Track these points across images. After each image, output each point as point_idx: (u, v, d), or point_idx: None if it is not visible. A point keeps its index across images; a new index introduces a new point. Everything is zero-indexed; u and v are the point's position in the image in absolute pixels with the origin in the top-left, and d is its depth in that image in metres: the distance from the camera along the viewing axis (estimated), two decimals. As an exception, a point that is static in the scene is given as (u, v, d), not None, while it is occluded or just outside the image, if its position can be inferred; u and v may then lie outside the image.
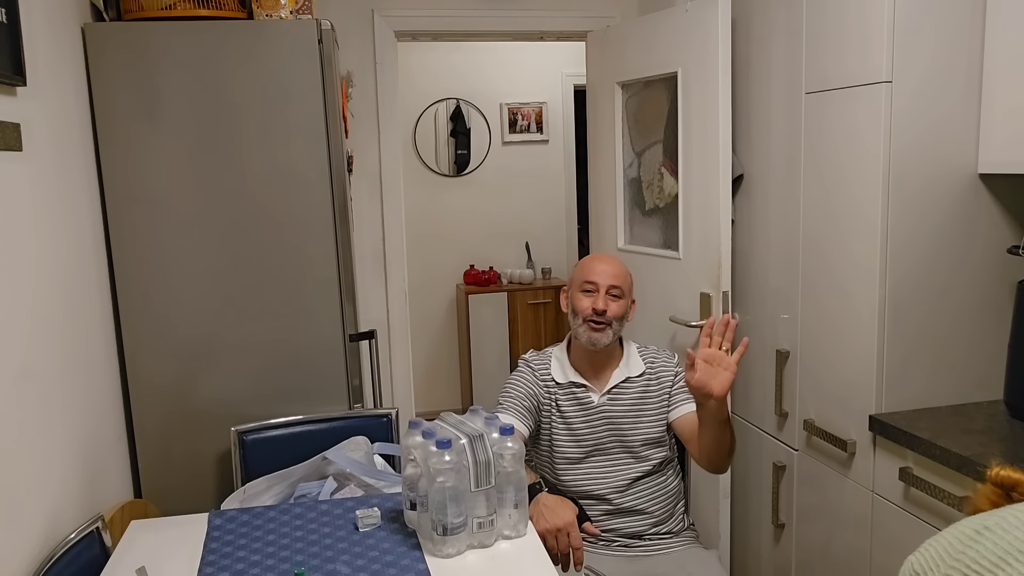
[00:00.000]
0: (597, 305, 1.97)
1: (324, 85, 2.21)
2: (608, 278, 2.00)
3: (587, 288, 2.00)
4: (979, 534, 0.72)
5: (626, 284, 2.02)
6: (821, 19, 2.09)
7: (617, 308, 1.99)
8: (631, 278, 2.06)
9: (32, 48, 1.72)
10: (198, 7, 2.16)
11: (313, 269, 2.27)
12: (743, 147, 2.49)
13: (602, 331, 1.98)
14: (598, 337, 1.98)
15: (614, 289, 1.99)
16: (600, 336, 1.98)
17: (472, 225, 5.03)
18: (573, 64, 4.89)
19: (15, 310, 1.57)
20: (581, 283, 2.02)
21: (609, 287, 1.99)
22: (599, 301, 1.97)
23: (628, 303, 2.03)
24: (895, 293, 1.95)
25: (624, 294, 2.01)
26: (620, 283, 2.00)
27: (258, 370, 2.27)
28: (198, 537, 1.66)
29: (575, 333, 2.03)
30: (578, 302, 2.01)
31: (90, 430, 1.94)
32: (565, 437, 2.02)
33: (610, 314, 1.97)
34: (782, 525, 2.41)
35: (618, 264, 2.05)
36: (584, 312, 1.98)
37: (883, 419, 1.93)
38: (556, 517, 1.73)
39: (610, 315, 1.97)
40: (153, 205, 2.16)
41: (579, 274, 2.04)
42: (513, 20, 3.18)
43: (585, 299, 1.99)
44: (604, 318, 1.97)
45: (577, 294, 2.02)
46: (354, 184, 3.05)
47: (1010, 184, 1.96)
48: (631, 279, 2.06)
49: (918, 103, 1.90)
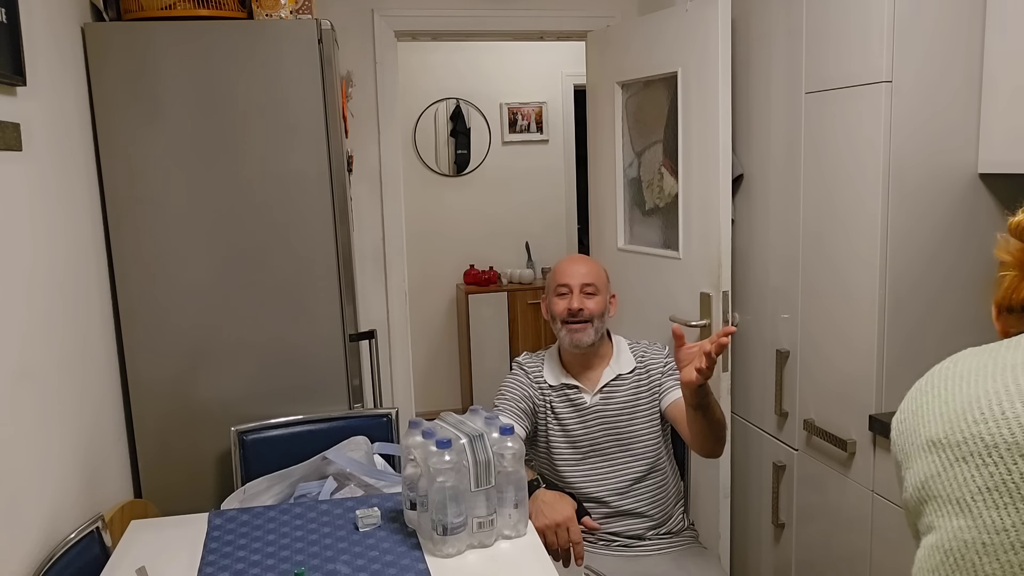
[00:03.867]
0: (572, 305, 1.96)
1: (324, 85, 2.21)
2: (579, 277, 1.99)
3: (561, 291, 2.00)
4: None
5: (600, 280, 2.01)
6: (821, 19, 2.08)
7: (594, 305, 1.98)
8: (605, 273, 2.06)
9: (32, 48, 1.72)
10: (198, 7, 2.16)
11: (313, 269, 2.27)
12: (743, 147, 2.49)
13: (583, 330, 1.97)
14: (579, 337, 1.97)
15: (588, 287, 1.98)
16: (582, 336, 1.97)
17: (472, 225, 5.03)
18: (573, 64, 4.88)
19: (13, 310, 1.57)
20: (555, 287, 2.01)
21: (582, 286, 1.98)
22: (573, 301, 1.97)
23: (606, 299, 2.02)
24: (895, 293, 1.95)
25: (599, 290, 2.00)
26: (593, 279, 1.99)
27: (258, 370, 2.27)
28: (198, 537, 1.66)
29: (559, 339, 2.03)
30: (554, 306, 2.00)
31: (90, 430, 1.94)
32: (561, 440, 2.02)
33: (587, 312, 1.97)
34: (782, 525, 2.41)
35: (589, 262, 2.05)
36: (561, 315, 1.98)
37: (883, 419, 1.93)
38: (555, 513, 1.73)
39: (588, 313, 1.97)
40: (153, 205, 2.16)
41: (552, 279, 2.04)
42: (513, 20, 3.18)
43: (560, 302, 1.99)
44: (581, 316, 1.97)
45: (553, 299, 2.02)
46: (354, 184, 3.05)
47: (1010, 184, 1.96)
48: (605, 274, 2.06)
49: (918, 103, 1.90)
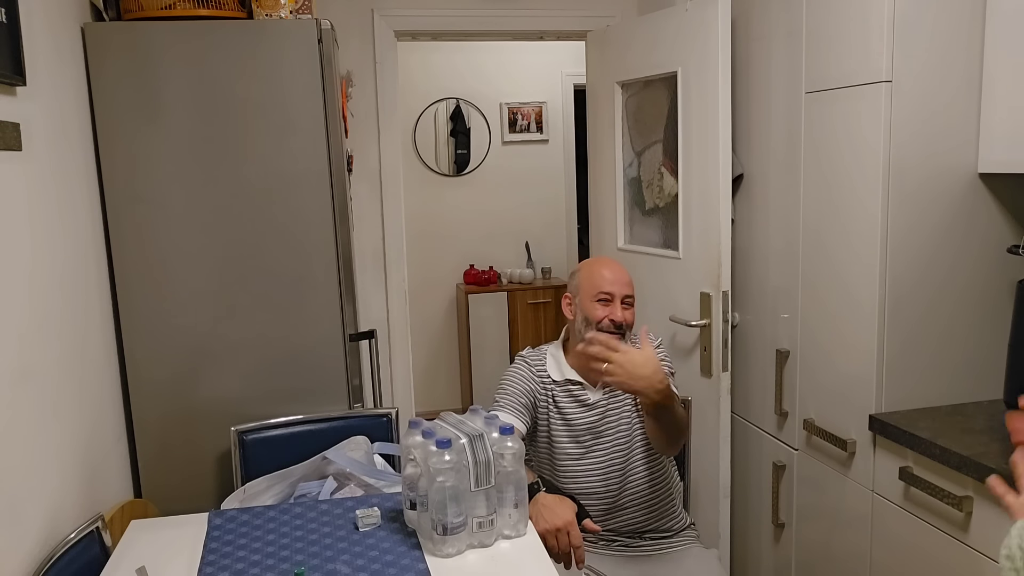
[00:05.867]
0: (615, 316, 1.97)
1: (324, 85, 2.21)
2: (623, 287, 2.00)
3: (603, 298, 1.99)
4: None
5: (634, 291, 2.04)
6: (821, 19, 2.08)
7: (631, 317, 2.01)
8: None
9: (32, 48, 1.72)
10: (198, 7, 2.16)
11: (313, 269, 2.27)
12: (743, 147, 2.49)
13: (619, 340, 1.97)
14: None
15: (628, 298, 2.00)
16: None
17: (472, 225, 5.03)
18: (573, 64, 4.88)
19: (13, 310, 1.57)
20: (595, 293, 1.99)
21: (624, 296, 1.99)
22: (617, 312, 1.97)
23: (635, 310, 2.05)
24: (895, 293, 1.95)
25: (635, 301, 2.03)
26: (632, 291, 2.02)
27: (258, 370, 2.27)
28: (198, 537, 1.66)
29: (585, 340, 2.02)
30: (592, 311, 1.98)
31: (90, 430, 1.94)
32: (563, 434, 2.02)
33: (626, 324, 1.99)
34: (782, 525, 2.41)
35: (625, 271, 2.05)
36: (602, 323, 1.97)
37: (883, 418, 1.93)
38: (555, 516, 1.73)
39: (626, 325, 1.99)
40: (153, 205, 2.16)
41: (589, 283, 2.01)
42: (513, 20, 3.18)
43: (601, 309, 1.98)
44: (621, 329, 1.98)
45: (590, 303, 1.99)
46: (354, 184, 3.05)
47: (1010, 184, 1.96)
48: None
49: (918, 103, 1.90)
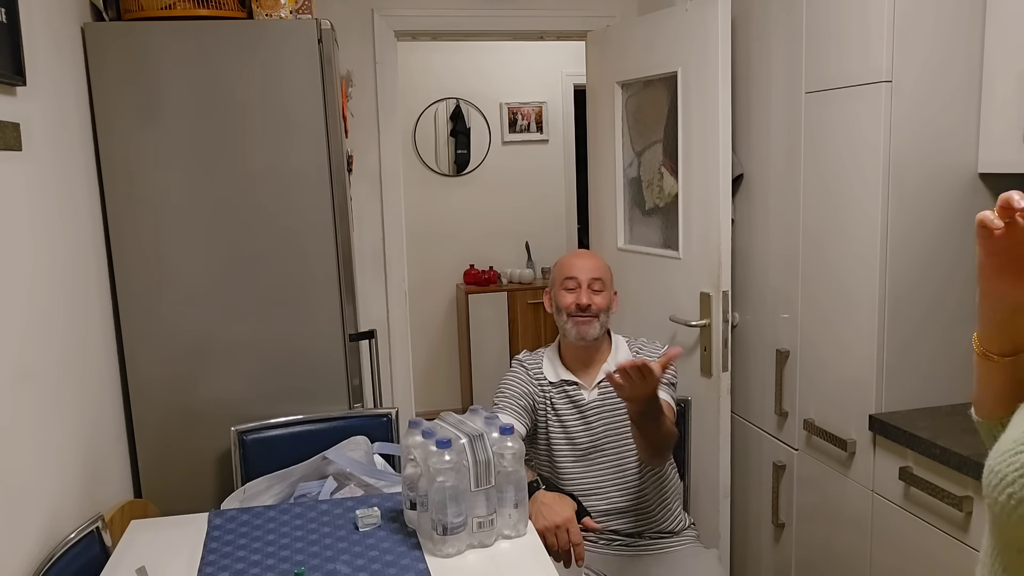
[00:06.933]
0: (580, 300, 1.99)
1: (324, 85, 2.21)
2: (588, 272, 2.02)
3: (568, 285, 2.02)
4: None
5: (606, 276, 2.05)
6: (821, 19, 2.08)
7: (601, 300, 2.01)
8: (610, 270, 2.09)
9: (32, 48, 1.72)
10: (198, 7, 2.16)
11: (313, 269, 2.27)
12: (743, 147, 2.49)
13: (589, 323, 2.00)
14: (585, 330, 2.00)
15: (595, 283, 2.01)
16: (587, 328, 2.00)
17: (472, 225, 5.03)
18: (573, 64, 4.88)
19: (13, 310, 1.57)
20: (562, 280, 2.03)
21: (590, 281, 2.01)
22: (582, 296, 1.99)
23: (611, 294, 2.05)
24: (895, 293, 1.95)
25: (606, 286, 2.03)
26: (600, 275, 2.03)
27: (258, 370, 2.27)
28: (198, 537, 1.66)
29: (563, 331, 2.05)
30: (561, 299, 2.02)
31: (90, 430, 1.94)
32: (561, 437, 2.02)
33: (595, 307, 1.99)
34: (782, 525, 2.41)
35: (596, 258, 2.08)
36: (568, 308, 2.00)
37: (883, 418, 1.93)
38: (555, 514, 1.73)
39: (595, 308, 1.99)
40: (153, 205, 2.16)
41: (559, 272, 2.06)
42: (513, 20, 3.18)
43: (568, 295, 2.01)
44: (589, 312, 1.99)
45: (559, 292, 2.03)
46: (354, 184, 3.05)
47: (1010, 184, 1.95)
48: (610, 271, 2.09)
49: (918, 103, 1.90)
